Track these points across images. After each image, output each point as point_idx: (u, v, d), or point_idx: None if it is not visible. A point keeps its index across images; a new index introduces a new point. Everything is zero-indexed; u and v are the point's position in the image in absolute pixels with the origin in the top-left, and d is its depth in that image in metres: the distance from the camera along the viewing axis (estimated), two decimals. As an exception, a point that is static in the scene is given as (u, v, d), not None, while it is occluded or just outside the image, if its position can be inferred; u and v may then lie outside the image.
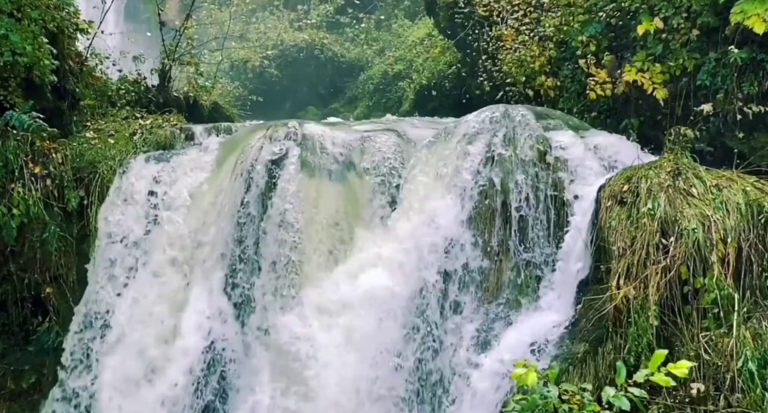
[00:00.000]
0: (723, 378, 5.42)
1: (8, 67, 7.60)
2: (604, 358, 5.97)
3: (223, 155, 8.22)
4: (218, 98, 12.67)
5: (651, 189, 6.16)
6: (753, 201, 5.96)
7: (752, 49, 6.74)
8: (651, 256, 5.89)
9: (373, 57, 19.44)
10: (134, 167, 8.11)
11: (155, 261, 7.62)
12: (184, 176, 8.04)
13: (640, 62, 7.61)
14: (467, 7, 11.72)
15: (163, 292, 7.51)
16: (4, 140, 7.68)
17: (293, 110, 18.39)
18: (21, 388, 7.58)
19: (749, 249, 5.83)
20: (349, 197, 7.62)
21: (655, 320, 5.71)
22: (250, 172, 7.66)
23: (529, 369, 4.04)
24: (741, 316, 5.55)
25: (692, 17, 7.27)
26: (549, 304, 6.79)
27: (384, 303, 6.94)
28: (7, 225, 7.39)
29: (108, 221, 7.79)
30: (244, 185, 7.61)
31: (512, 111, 7.59)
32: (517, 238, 7.03)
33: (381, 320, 6.90)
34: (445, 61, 14.18)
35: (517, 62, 9.80)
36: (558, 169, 7.14)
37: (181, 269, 7.60)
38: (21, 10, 7.66)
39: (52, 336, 7.65)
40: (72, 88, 8.73)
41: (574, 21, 8.80)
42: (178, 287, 7.54)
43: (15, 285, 7.69)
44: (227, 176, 7.86)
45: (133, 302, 7.51)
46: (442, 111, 12.99)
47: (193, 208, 7.82)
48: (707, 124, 7.15)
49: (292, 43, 19.32)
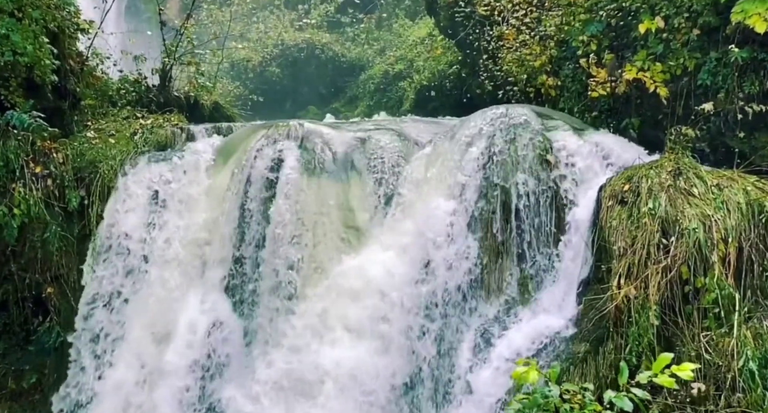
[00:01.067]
0: (724, 377, 5.42)
1: (9, 67, 7.60)
2: (605, 358, 5.97)
3: (224, 155, 8.22)
4: (219, 98, 12.67)
5: (652, 189, 6.16)
6: (754, 201, 5.96)
7: (753, 48, 6.74)
8: (652, 256, 5.89)
9: (374, 57, 19.43)
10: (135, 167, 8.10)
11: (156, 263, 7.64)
12: (184, 176, 8.04)
13: (641, 61, 7.61)
14: (468, 7, 11.71)
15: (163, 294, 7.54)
16: (5, 140, 7.68)
17: (294, 109, 18.39)
18: (22, 388, 7.58)
19: (750, 249, 5.83)
20: (350, 196, 7.61)
21: (656, 319, 5.71)
22: (251, 172, 7.66)
23: (529, 368, 4.04)
24: (742, 316, 5.55)
25: (693, 17, 7.26)
26: (550, 304, 6.79)
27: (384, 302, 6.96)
28: (8, 225, 7.39)
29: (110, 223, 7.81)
30: (245, 185, 7.61)
31: (513, 111, 7.58)
32: (518, 238, 7.03)
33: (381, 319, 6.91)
34: (445, 61, 14.17)
35: (518, 61, 9.80)
36: (559, 169, 7.13)
37: (181, 269, 7.61)
38: (22, 10, 7.66)
39: (53, 336, 7.65)
40: (73, 87, 8.73)
41: (575, 20, 8.79)
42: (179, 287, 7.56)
43: (16, 285, 7.69)
44: (228, 175, 7.86)
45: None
46: (442, 111, 12.99)
47: (194, 208, 7.82)
48: (708, 123, 7.14)
49: (292, 42, 19.31)
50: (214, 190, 7.90)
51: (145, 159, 8.22)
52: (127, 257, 7.69)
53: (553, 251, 6.93)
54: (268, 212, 7.51)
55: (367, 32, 20.06)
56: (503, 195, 7.08)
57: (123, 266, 7.67)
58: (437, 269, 7.02)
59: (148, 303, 7.52)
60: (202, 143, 8.53)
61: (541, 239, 7.00)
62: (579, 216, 6.81)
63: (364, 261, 7.22)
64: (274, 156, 7.73)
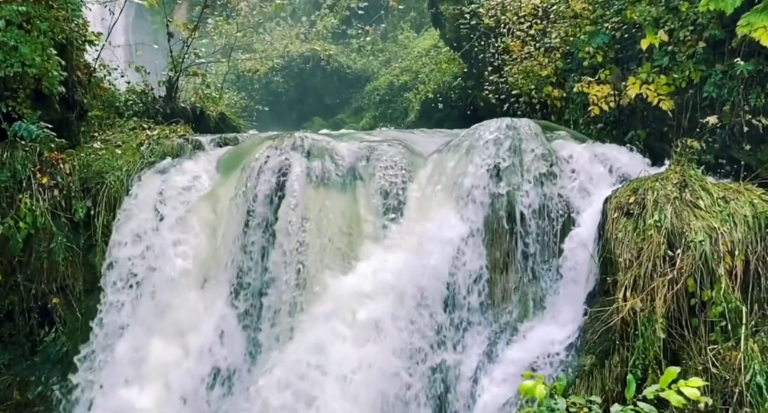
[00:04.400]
0: (731, 392, 5.39)
1: (17, 79, 7.65)
2: (611, 371, 5.95)
3: (229, 166, 8.24)
4: (225, 109, 12.72)
5: (657, 201, 6.15)
6: (760, 214, 5.95)
7: (759, 61, 6.75)
8: (658, 268, 5.87)
9: (379, 68, 19.49)
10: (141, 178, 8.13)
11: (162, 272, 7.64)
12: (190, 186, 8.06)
13: (646, 74, 7.62)
14: (473, 19, 11.76)
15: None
16: (13, 151, 7.73)
17: (299, 120, 18.44)
18: (27, 399, 7.56)
19: (757, 262, 5.80)
20: (355, 207, 7.61)
21: (662, 332, 5.68)
22: (256, 183, 7.67)
23: (536, 381, 4.02)
24: (749, 329, 5.52)
25: (698, 30, 7.28)
26: (555, 315, 6.77)
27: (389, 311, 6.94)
28: (14, 236, 7.41)
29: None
30: (251, 196, 7.63)
31: (518, 123, 7.60)
32: (523, 249, 7.02)
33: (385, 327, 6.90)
34: (451, 73, 14.21)
35: (524, 73, 9.83)
36: (564, 180, 7.14)
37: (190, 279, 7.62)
38: (30, 22, 7.71)
39: (57, 347, 7.66)
40: (80, 99, 8.78)
41: (580, 32, 8.82)
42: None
43: (22, 296, 7.70)
44: (233, 187, 7.87)
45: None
46: (447, 122, 13.01)
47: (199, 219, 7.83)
48: (714, 136, 7.15)
49: (298, 53, 19.40)
50: (220, 201, 7.90)
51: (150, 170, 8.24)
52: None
53: (559, 262, 6.91)
54: (273, 223, 7.51)
55: (372, 44, 20.13)
56: (508, 207, 7.08)
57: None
58: (441, 280, 7.00)
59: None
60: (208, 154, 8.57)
61: (546, 251, 7.00)
62: (584, 228, 6.80)
63: (368, 273, 7.20)
64: (279, 167, 7.74)
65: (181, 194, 7.97)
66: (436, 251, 7.03)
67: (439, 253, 7.02)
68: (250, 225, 7.56)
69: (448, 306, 6.97)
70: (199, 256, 7.62)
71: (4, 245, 7.52)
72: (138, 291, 7.62)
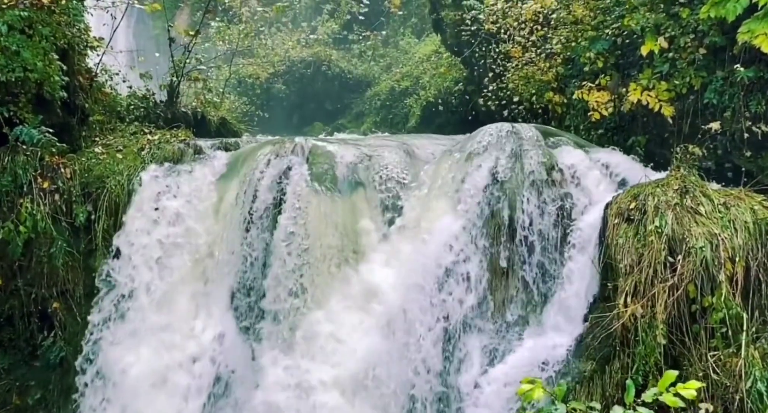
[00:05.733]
0: (732, 398, 5.39)
1: (19, 83, 7.66)
2: (612, 377, 5.94)
3: (230, 170, 8.23)
4: (226, 114, 12.73)
5: (658, 207, 6.16)
6: (761, 220, 5.95)
7: (759, 68, 6.77)
8: (658, 274, 5.88)
9: (380, 73, 19.52)
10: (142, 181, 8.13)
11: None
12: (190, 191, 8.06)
13: (646, 80, 7.64)
14: (474, 25, 11.79)
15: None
16: (14, 155, 7.73)
17: (300, 125, 18.45)
18: (26, 404, 7.54)
19: (758, 268, 5.81)
20: (356, 212, 7.62)
21: (662, 339, 5.68)
22: (257, 188, 7.67)
23: (535, 386, 4.02)
24: (749, 336, 5.52)
25: (699, 36, 7.30)
26: (556, 321, 6.77)
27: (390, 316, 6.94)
28: (14, 240, 7.41)
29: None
30: (251, 201, 7.63)
31: (519, 128, 7.61)
32: (524, 254, 7.02)
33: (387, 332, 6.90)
34: (451, 78, 14.23)
35: (525, 78, 9.85)
36: (564, 186, 7.14)
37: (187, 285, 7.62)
38: (32, 27, 7.72)
39: (57, 351, 7.65)
40: (81, 103, 8.79)
41: (581, 38, 8.84)
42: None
43: (22, 300, 7.68)
44: (234, 191, 7.88)
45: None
46: (448, 127, 13.02)
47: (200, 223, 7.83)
48: (714, 142, 7.16)
49: (299, 59, 19.44)
50: (221, 206, 7.90)
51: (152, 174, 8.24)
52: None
53: (559, 268, 6.91)
54: (273, 227, 7.51)
55: (373, 49, 20.16)
56: (509, 212, 7.08)
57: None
58: (442, 286, 7.00)
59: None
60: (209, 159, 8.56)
61: (547, 257, 6.99)
62: (585, 234, 6.80)
63: (368, 278, 7.20)
64: (280, 172, 7.74)
65: (181, 197, 7.96)
66: (435, 257, 7.02)
67: (438, 259, 7.01)
68: (250, 230, 7.56)
69: (449, 312, 6.95)
70: (199, 260, 7.62)
71: (5, 249, 7.51)
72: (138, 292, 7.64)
